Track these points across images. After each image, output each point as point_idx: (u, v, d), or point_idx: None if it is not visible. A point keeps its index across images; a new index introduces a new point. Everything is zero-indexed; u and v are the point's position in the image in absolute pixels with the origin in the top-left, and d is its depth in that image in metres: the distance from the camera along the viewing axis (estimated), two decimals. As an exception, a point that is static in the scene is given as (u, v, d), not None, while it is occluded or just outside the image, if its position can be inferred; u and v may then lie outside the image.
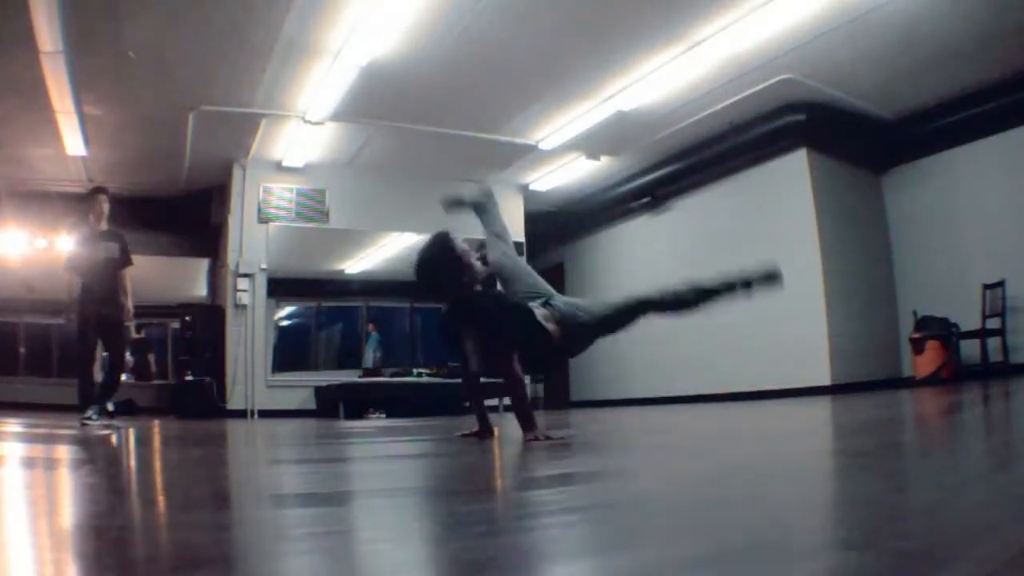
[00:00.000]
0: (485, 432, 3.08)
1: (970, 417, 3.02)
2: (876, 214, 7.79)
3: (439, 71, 6.21)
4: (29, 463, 2.19)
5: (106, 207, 5.46)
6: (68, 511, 1.27)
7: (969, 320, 6.62)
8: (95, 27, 5.31)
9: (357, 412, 7.74)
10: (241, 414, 7.87)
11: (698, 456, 2.22)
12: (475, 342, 2.79)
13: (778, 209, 7.56)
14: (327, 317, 12.30)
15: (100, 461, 2.33)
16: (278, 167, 8.47)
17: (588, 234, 10.38)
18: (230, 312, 8.23)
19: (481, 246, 3.18)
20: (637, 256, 9.57)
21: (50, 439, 3.44)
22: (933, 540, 0.79)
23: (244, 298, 8.24)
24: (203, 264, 9.90)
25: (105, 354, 5.81)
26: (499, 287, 3.12)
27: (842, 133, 7.40)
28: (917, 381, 6.69)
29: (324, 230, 8.82)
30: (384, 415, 7.66)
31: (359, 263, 11.32)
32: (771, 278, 2.78)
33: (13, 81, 5.98)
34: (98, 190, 5.56)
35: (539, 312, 2.83)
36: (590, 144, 8.04)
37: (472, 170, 8.61)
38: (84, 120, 6.75)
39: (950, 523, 0.88)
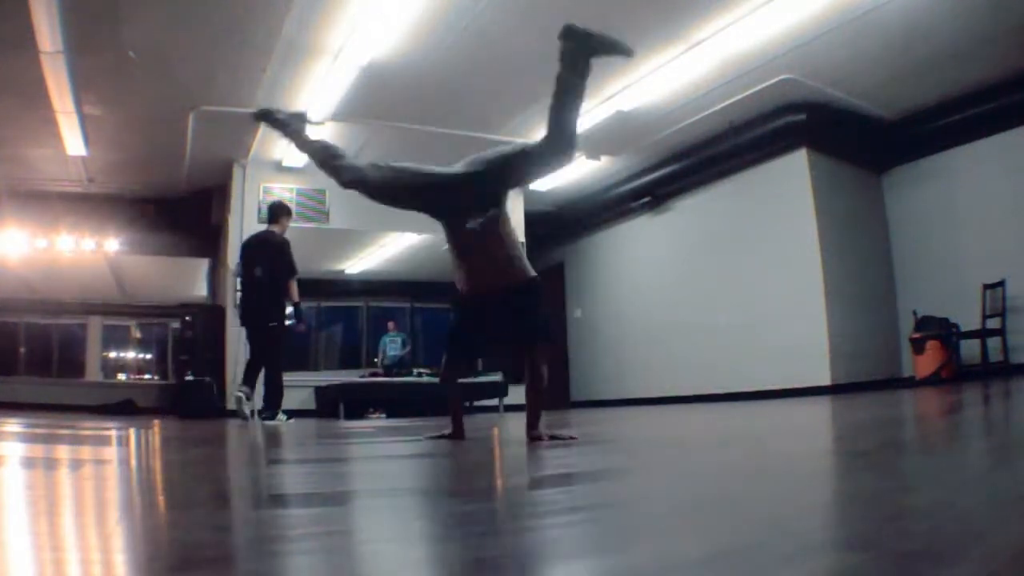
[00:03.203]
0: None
1: (970, 417, 3.02)
2: (876, 214, 7.79)
3: (439, 71, 6.20)
4: (29, 463, 2.19)
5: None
6: (67, 511, 1.27)
7: (969, 320, 6.62)
8: (95, 27, 5.31)
9: (357, 412, 7.74)
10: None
11: (698, 456, 2.22)
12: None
13: (778, 209, 7.56)
14: (327, 317, 12.30)
15: (98, 462, 2.33)
16: (278, 167, 8.47)
17: (588, 234, 10.38)
18: (230, 312, 8.22)
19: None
20: (637, 256, 9.57)
21: (49, 439, 3.44)
22: (934, 540, 0.79)
23: (244, 298, 8.23)
24: (203, 264, 9.90)
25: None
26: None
27: (842, 133, 7.39)
28: (917, 381, 6.68)
29: (324, 230, 8.81)
30: (384, 415, 7.66)
31: (359, 263, 11.32)
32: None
33: (13, 81, 5.98)
34: (289, 211, 6.21)
35: None
36: (590, 144, 8.03)
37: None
38: (84, 120, 6.75)
39: (950, 523, 0.88)
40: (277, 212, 6.07)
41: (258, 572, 0.79)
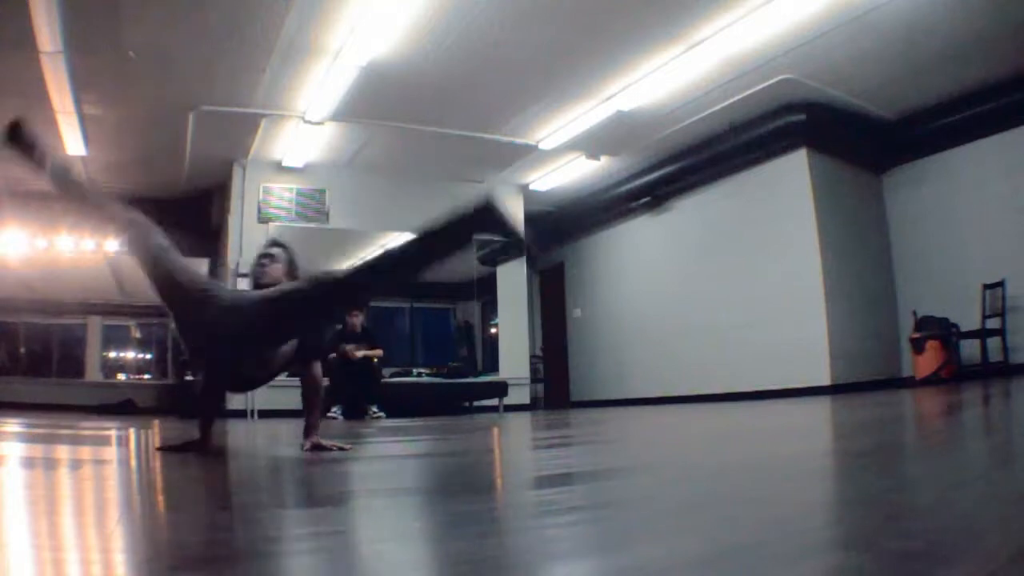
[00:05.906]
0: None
1: (970, 417, 3.02)
2: (876, 214, 7.79)
3: (439, 71, 6.20)
4: (29, 463, 2.19)
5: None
6: (67, 511, 1.27)
7: (969, 320, 6.62)
8: (95, 27, 5.30)
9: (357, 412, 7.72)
10: (241, 414, 7.86)
11: (698, 456, 2.22)
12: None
13: (778, 209, 7.55)
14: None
15: (97, 462, 2.33)
16: (278, 167, 8.47)
17: (588, 234, 10.37)
18: (230, 312, 8.21)
19: None
20: (637, 256, 9.57)
21: (49, 439, 3.44)
22: (933, 540, 0.79)
23: (244, 298, 8.23)
24: (203, 264, 9.89)
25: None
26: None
27: (842, 133, 7.38)
28: (917, 381, 6.68)
29: (324, 230, 8.81)
30: (384, 415, 7.66)
31: (359, 263, 11.31)
32: (488, 210, 2.25)
33: (13, 81, 5.98)
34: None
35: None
36: (590, 144, 8.03)
37: (472, 170, 8.60)
38: (84, 120, 6.74)
39: (950, 523, 0.88)
40: None
41: (258, 572, 0.79)
